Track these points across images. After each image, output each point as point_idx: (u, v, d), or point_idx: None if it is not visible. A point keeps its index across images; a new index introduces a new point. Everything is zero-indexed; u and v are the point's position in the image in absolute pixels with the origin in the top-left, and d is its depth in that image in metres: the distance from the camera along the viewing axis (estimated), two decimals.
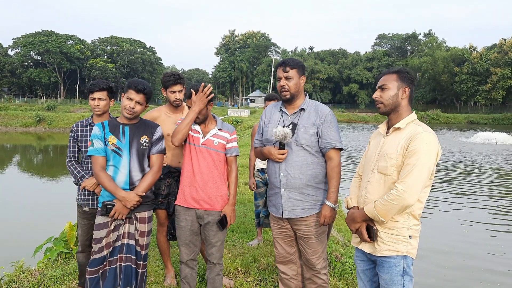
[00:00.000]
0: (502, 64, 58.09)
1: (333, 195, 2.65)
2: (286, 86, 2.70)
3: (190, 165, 2.88)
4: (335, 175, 2.66)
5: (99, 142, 2.73)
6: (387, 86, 2.27)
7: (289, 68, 2.69)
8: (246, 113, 43.43)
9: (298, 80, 2.73)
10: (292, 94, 2.71)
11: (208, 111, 2.89)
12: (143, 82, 2.78)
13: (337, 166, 2.67)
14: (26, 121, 38.53)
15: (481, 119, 54.00)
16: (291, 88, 2.70)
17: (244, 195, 7.16)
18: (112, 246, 2.75)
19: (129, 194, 2.69)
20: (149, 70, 78.69)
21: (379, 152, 2.28)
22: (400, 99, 2.25)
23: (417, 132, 2.12)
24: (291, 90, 2.70)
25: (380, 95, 2.29)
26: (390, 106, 2.26)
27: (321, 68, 76.85)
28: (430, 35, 79.43)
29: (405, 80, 2.26)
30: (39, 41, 67.29)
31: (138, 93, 2.73)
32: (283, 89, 2.71)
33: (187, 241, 2.94)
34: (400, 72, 2.28)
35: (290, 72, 2.70)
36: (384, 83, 2.28)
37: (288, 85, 2.70)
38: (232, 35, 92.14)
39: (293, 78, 2.71)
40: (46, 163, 19.89)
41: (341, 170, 2.71)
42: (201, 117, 2.85)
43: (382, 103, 2.28)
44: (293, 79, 2.71)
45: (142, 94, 2.74)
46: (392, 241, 2.17)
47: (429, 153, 2.07)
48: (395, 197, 2.05)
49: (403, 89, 2.25)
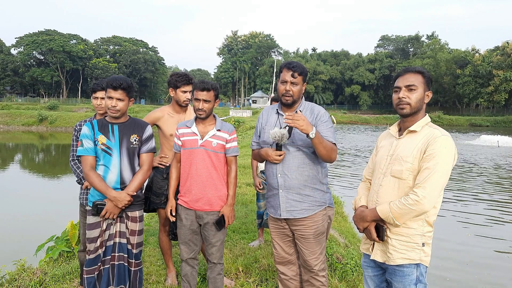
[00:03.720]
0: (505, 66, 57.93)
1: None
2: (291, 92, 2.68)
3: (188, 167, 2.89)
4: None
5: (89, 141, 2.74)
6: (415, 87, 2.13)
7: (297, 75, 2.66)
8: (248, 114, 43.45)
9: (302, 87, 2.73)
10: (295, 99, 2.71)
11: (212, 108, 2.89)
12: (119, 78, 2.74)
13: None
14: (28, 120, 38.63)
15: (483, 122, 53.84)
16: (295, 94, 2.70)
17: (246, 195, 7.16)
18: (104, 246, 2.77)
19: (120, 194, 2.70)
20: (151, 70, 78.68)
21: (391, 155, 2.20)
22: (423, 102, 2.17)
23: (435, 135, 2.06)
24: (295, 96, 2.70)
25: (408, 95, 2.13)
26: (416, 109, 2.14)
27: (323, 69, 76.76)
28: (433, 37, 79.27)
29: (429, 83, 2.17)
30: (42, 40, 67.38)
31: (116, 90, 2.71)
32: (287, 94, 2.69)
33: (187, 240, 2.96)
34: (426, 75, 2.16)
35: (298, 78, 2.68)
36: (413, 83, 2.13)
37: (292, 91, 2.68)
38: (234, 36, 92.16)
39: (299, 85, 2.70)
40: (48, 162, 19.94)
41: (336, 155, 2.66)
42: (208, 112, 2.85)
43: (409, 104, 2.13)
44: (298, 85, 2.70)
45: (121, 90, 2.71)
46: (405, 248, 2.10)
47: (447, 157, 2.02)
48: (414, 202, 1.99)
49: (427, 93, 2.17)
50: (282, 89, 2.71)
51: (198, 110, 2.83)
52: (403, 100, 2.15)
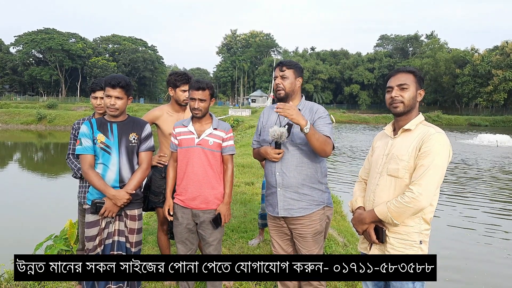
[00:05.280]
0: (504, 66, 58.01)
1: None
2: (281, 85, 2.74)
3: (184, 166, 2.89)
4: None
5: (88, 140, 2.74)
6: (407, 86, 2.17)
7: (285, 68, 2.74)
8: (247, 113, 43.43)
9: (294, 80, 2.76)
10: (287, 93, 2.74)
11: (208, 107, 2.90)
12: (117, 76, 2.75)
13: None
14: (27, 119, 38.58)
15: (482, 121, 53.90)
16: (286, 87, 2.73)
17: (245, 194, 7.16)
18: (103, 244, 2.77)
19: (119, 193, 2.70)
20: (150, 69, 78.64)
21: (387, 155, 2.22)
22: (416, 101, 2.20)
23: (430, 133, 2.08)
24: (286, 89, 2.74)
25: (400, 94, 2.18)
26: (409, 107, 2.18)
27: (322, 68, 76.77)
28: (432, 36, 79.32)
29: (421, 82, 2.21)
30: (41, 39, 67.29)
31: (114, 88, 2.71)
32: (278, 88, 2.76)
33: (183, 239, 2.97)
34: (417, 74, 2.20)
35: (286, 71, 2.74)
36: (404, 82, 2.18)
37: (283, 84, 2.73)
38: (234, 35, 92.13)
39: (289, 78, 2.74)
40: (46, 161, 19.93)
41: (331, 149, 2.61)
42: (204, 111, 2.86)
43: (403, 102, 2.17)
44: (289, 78, 2.74)
45: (119, 88, 2.72)
46: (403, 246, 2.11)
47: (442, 154, 2.04)
48: (410, 199, 2.01)
49: (420, 92, 2.21)
50: (274, 85, 2.80)
51: (194, 110, 2.85)
52: (396, 98, 2.19)
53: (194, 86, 2.83)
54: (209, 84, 2.88)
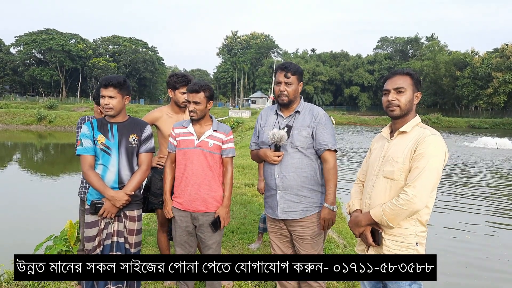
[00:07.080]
0: (504, 68, 58.07)
1: (331, 197, 2.66)
2: (285, 92, 2.72)
3: (183, 167, 2.88)
4: (331, 177, 2.68)
5: (88, 141, 2.75)
6: (404, 90, 2.16)
7: (290, 74, 2.71)
8: (247, 114, 43.44)
9: (297, 86, 2.76)
10: (290, 99, 2.74)
11: (207, 109, 2.89)
12: (110, 76, 2.76)
13: (333, 168, 2.69)
14: (27, 119, 38.58)
15: (482, 124, 53.95)
16: (290, 94, 2.72)
17: (245, 196, 7.17)
18: (102, 245, 2.78)
19: (118, 194, 2.70)
20: (150, 70, 78.66)
21: (383, 157, 2.22)
22: (413, 104, 2.19)
23: (425, 135, 2.07)
24: (290, 96, 2.73)
25: (397, 98, 2.16)
26: (405, 111, 2.16)
27: (322, 70, 76.79)
28: (432, 38, 79.33)
29: (418, 85, 2.20)
30: (41, 39, 67.31)
31: (106, 88, 2.72)
32: (282, 94, 2.73)
33: (182, 241, 2.95)
34: (414, 76, 2.19)
35: (291, 78, 2.71)
36: (401, 85, 2.16)
37: (287, 91, 2.72)
38: (234, 36, 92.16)
39: (293, 84, 2.73)
40: (47, 162, 19.91)
41: (337, 172, 2.72)
42: (200, 113, 2.84)
43: (399, 106, 2.16)
44: (293, 85, 2.73)
45: (111, 87, 2.71)
46: (399, 248, 2.11)
47: (437, 156, 2.03)
48: (404, 202, 2.00)
49: (417, 94, 2.20)
50: (277, 90, 2.76)
51: (190, 112, 2.84)
52: (392, 102, 2.18)
53: (189, 89, 2.83)
54: (205, 86, 2.84)
